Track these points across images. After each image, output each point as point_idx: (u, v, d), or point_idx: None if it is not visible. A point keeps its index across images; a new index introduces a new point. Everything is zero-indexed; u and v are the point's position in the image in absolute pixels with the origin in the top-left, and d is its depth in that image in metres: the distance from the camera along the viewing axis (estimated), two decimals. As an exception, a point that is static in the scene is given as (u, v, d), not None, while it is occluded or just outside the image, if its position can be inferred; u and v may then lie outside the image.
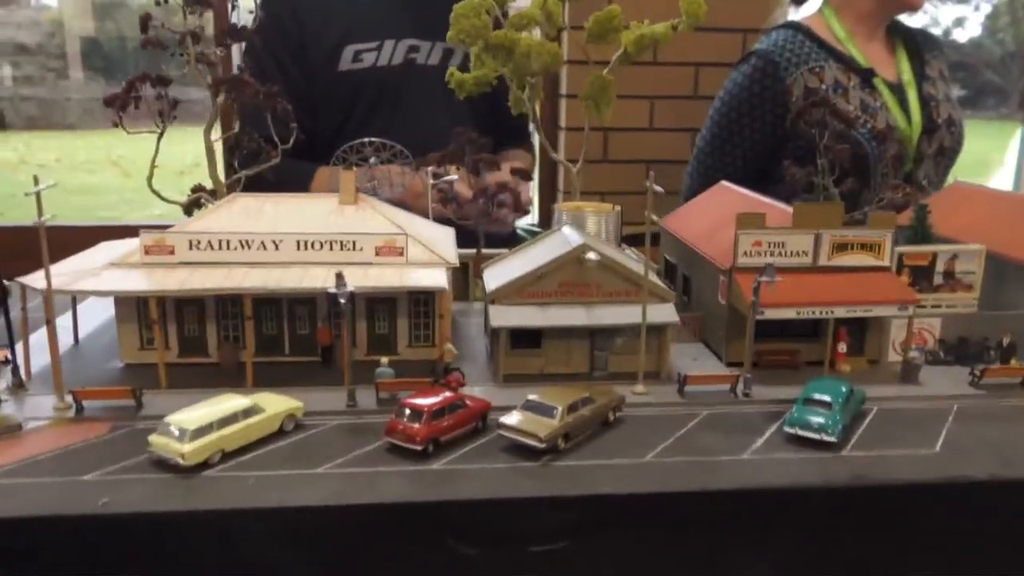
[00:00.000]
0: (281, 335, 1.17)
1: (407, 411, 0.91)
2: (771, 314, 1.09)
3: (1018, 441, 0.96)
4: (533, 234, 2.49)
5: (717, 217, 1.32)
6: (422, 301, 1.18)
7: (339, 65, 1.96)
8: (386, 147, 1.53)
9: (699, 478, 0.87)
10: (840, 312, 1.11)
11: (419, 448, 0.89)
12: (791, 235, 1.14)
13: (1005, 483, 0.87)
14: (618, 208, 1.36)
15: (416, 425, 0.90)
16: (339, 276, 0.97)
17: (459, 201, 1.50)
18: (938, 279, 1.20)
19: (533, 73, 1.44)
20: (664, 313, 1.10)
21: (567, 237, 1.17)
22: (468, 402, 0.96)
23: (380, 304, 1.18)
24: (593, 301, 1.12)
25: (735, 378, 1.07)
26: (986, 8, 3.51)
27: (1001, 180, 3.72)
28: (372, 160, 1.47)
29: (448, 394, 0.95)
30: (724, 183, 1.49)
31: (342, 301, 0.96)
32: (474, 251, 1.44)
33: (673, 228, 1.42)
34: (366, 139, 1.54)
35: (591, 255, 1.06)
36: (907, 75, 2.15)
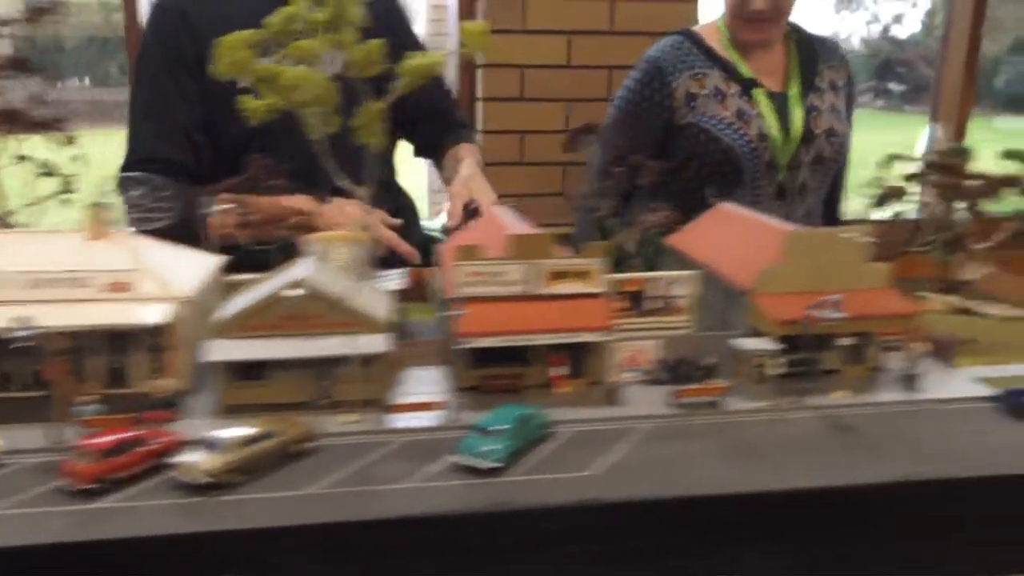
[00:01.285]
0: (12, 371, 1.19)
1: (81, 451, 0.94)
2: (476, 343, 1.15)
3: (687, 458, 1.03)
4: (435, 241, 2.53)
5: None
6: (157, 334, 1.21)
7: (240, 81, 1.97)
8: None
9: (351, 508, 0.92)
10: (544, 339, 1.17)
11: (85, 487, 0.92)
12: (507, 265, 1.20)
13: (647, 503, 0.94)
14: (370, 237, 1.40)
15: (85, 464, 0.93)
16: (22, 320, 1.00)
17: (252, 226, 1.54)
18: (654, 303, 1.27)
19: (305, 104, 1.48)
20: (376, 343, 1.15)
21: (296, 270, 1.22)
22: (153, 438, 0.99)
23: (116, 339, 1.20)
24: (313, 333, 1.16)
25: (439, 404, 1.13)
26: (924, 5, 3.71)
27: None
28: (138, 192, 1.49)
29: (130, 432, 0.98)
30: (492, 208, 1.54)
31: (23, 344, 0.99)
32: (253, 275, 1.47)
33: (442, 253, 1.47)
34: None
35: (293, 291, 1.11)
36: (795, 85, 2.27)
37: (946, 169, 1.40)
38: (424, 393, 1.19)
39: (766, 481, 0.97)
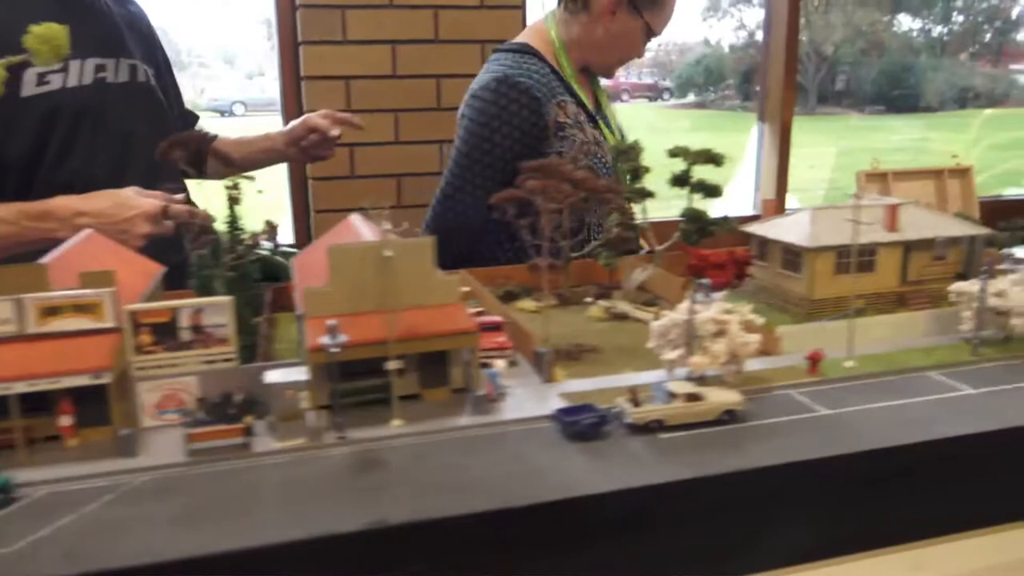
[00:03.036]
0: None
1: None
2: (-74, 398, 0.97)
3: (141, 522, 0.88)
4: (287, 255, 2.35)
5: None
6: None
7: (22, 90, 1.75)
8: None
9: None
10: (20, 388, 1.00)
11: None
12: (-10, 302, 1.03)
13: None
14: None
15: None
16: None
17: None
18: (187, 335, 1.12)
19: None
20: None
21: None
22: None
23: None
24: None
25: None
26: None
27: (744, 172, 3.81)
28: None
29: None
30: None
31: None
32: None
33: None
34: None
35: None
36: (605, 107, 2.31)
37: (546, 171, 1.31)
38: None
39: (203, 544, 0.84)
